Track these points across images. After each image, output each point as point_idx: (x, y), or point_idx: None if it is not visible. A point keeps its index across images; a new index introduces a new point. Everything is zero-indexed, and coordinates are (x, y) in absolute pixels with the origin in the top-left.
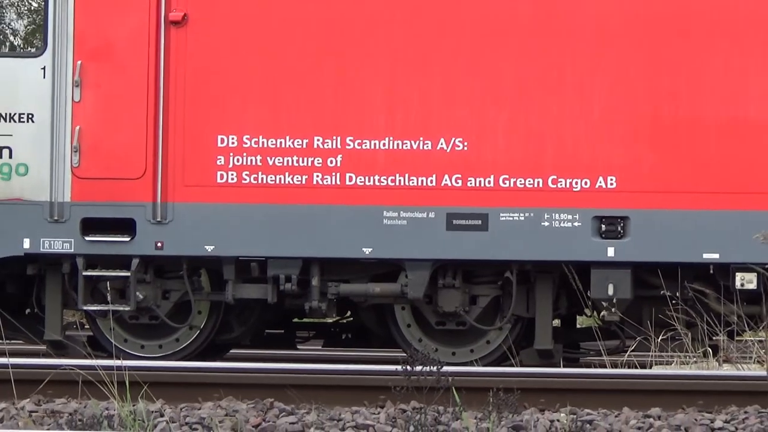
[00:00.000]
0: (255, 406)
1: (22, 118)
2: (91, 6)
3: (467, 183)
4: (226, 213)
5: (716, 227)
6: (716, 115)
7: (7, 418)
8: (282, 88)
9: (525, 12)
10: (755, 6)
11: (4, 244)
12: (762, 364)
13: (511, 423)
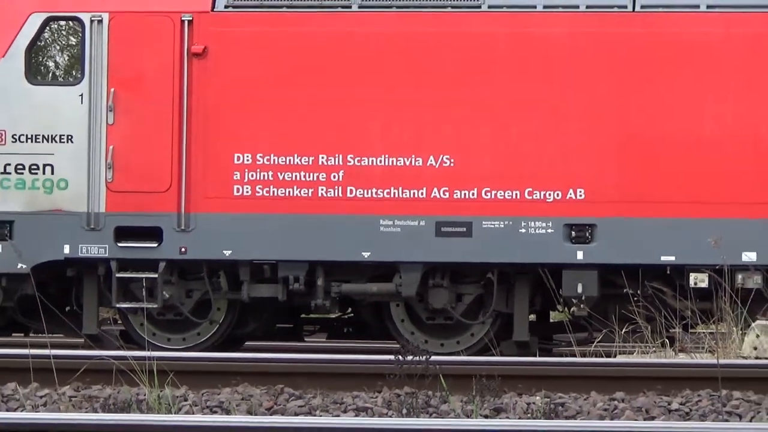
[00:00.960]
0: (267, 392)
1: (62, 139)
2: (122, 40)
3: (454, 195)
4: (242, 222)
5: (673, 233)
6: (673, 136)
7: (50, 402)
8: (291, 112)
9: (504, 47)
10: (707, 46)
11: (46, 249)
12: (713, 353)
13: (493, 405)
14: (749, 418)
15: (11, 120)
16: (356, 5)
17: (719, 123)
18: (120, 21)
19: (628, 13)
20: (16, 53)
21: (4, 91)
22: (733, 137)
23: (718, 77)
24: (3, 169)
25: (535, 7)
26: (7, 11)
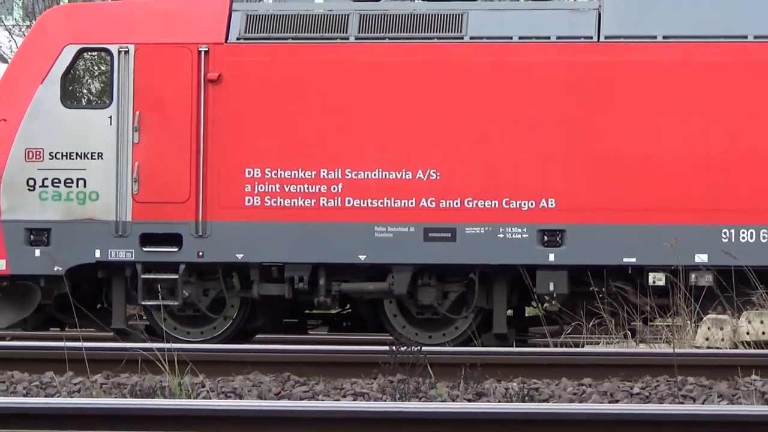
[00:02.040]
0: (276, 379)
1: (93, 156)
2: (146, 68)
3: (440, 204)
4: (252, 229)
5: (633, 237)
6: (634, 151)
7: (83, 389)
8: (295, 131)
9: (484, 74)
10: (663, 72)
11: (79, 253)
12: (669, 343)
13: (475, 390)
14: (702, 401)
15: (49, 139)
16: (353, 37)
17: (674, 140)
18: (144, 52)
19: (594, 43)
20: (52, 80)
21: (42, 114)
22: (686, 152)
23: (673, 99)
24: (41, 183)
25: (512, 38)
26: (45, 43)
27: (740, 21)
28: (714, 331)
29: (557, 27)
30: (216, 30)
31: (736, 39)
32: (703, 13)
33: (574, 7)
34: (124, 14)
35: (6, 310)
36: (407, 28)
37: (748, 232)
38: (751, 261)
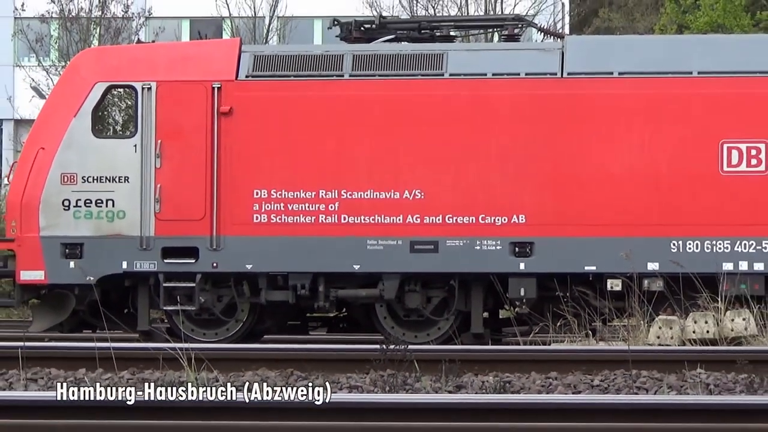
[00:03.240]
0: (281, 374)
1: (121, 180)
2: (167, 102)
3: (424, 220)
4: (260, 243)
5: (594, 248)
6: (593, 173)
7: (111, 384)
8: (297, 156)
9: (462, 106)
10: (619, 103)
11: (109, 265)
12: (625, 341)
13: (455, 383)
14: (654, 392)
15: (81, 165)
16: (348, 74)
17: (628, 163)
18: (165, 88)
19: (558, 78)
20: (84, 113)
21: (76, 143)
22: (639, 174)
23: (628, 127)
24: (75, 203)
25: (486, 74)
26: (77, 81)
27: (686, 59)
28: (664, 330)
29: (526, 65)
30: (227, 69)
31: (683, 74)
32: (654, 53)
33: (541, 47)
34: (146, 55)
35: (44, 315)
36: (395, 67)
37: (694, 243)
38: (696, 269)
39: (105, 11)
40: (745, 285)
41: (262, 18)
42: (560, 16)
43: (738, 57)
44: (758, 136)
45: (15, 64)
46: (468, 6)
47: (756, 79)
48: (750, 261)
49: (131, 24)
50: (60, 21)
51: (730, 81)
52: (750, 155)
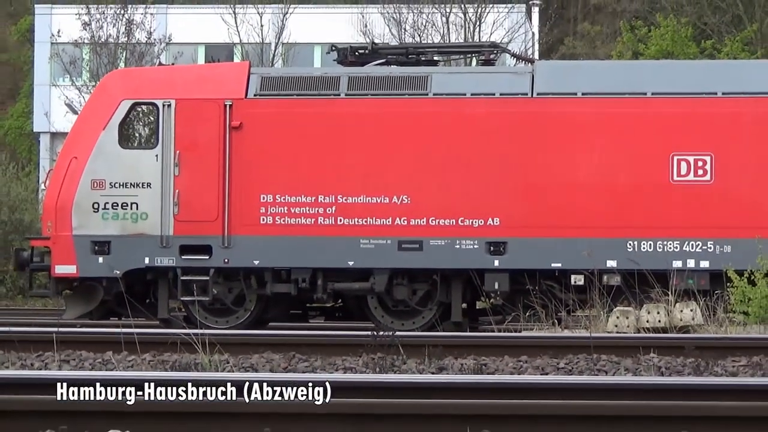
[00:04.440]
0: (284, 356)
1: (143, 186)
2: (184, 118)
3: (410, 222)
4: (266, 241)
5: (559, 247)
6: (559, 182)
7: (135, 365)
8: (299, 166)
9: (445, 122)
10: (582, 120)
11: (133, 260)
12: (587, 329)
13: (438, 365)
14: (612, 373)
15: (109, 173)
16: (343, 94)
17: (590, 173)
18: (183, 105)
19: (528, 98)
20: (112, 127)
21: (104, 153)
22: (600, 183)
23: (590, 141)
24: (103, 206)
25: (465, 94)
26: (106, 99)
27: (641, 82)
28: (621, 320)
29: (500, 86)
30: (238, 88)
31: (638, 95)
32: (612, 76)
33: (513, 71)
34: (166, 76)
35: (76, 304)
36: (385, 87)
37: (647, 243)
38: (649, 266)
39: (130, 38)
40: (692, 280)
41: (269, 44)
42: (531, 43)
43: (686, 80)
44: (704, 150)
45: (51, 84)
46: (449, 34)
47: (702, 99)
48: (697, 259)
49: (153, 49)
50: (91, 46)
51: (680, 101)
52: (697, 166)
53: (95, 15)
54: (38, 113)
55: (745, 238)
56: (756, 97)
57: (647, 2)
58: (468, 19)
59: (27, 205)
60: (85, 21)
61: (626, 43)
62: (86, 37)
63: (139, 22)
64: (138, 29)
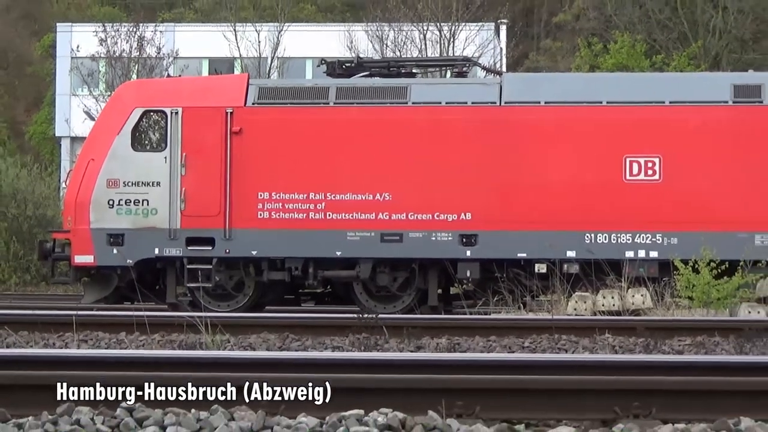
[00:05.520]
0: (279, 336)
1: (154, 184)
2: (190, 124)
3: (391, 217)
4: (263, 234)
5: (525, 239)
6: (525, 181)
7: (146, 344)
8: (292, 166)
9: (422, 127)
10: (546, 126)
11: (144, 251)
12: (549, 312)
13: (416, 344)
14: (571, 352)
15: (123, 173)
16: (332, 102)
17: (552, 173)
18: (189, 113)
19: (497, 106)
20: (125, 132)
21: (119, 155)
22: (560, 182)
23: (552, 144)
24: (118, 202)
25: (441, 102)
26: (120, 106)
27: (597, 92)
28: (580, 304)
29: (472, 95)
30: (238, 97)
31: (595, 103)
32: (572, 86)
33: (484, 82)
34: (174, 87)
35: (93, 290)
36: (369, 96)
37: (603, 236)
38: (604, 256)
39: (142, 52)
40: (643, 269)
41: (266, 58)
42: (499, 57)
43: (637, 90)
44: (653, 152)
45: (71, 94)
46: (426, 49)
47: (651, 107)
48: (647, 250)
49: (162, 62)
50: (106, 60)
51: (632, 109)
52: (647, 167)
53: (110, 32)
54: (59, 120)
55: (690, 231)
56: (699, 105)
57: (603, 21)
58: (443, 36)
59: (49, 201)
60: (101, 38)
61: (584, 57)
62: (102, 52)
63: (149, 38)
64: (149, 45)
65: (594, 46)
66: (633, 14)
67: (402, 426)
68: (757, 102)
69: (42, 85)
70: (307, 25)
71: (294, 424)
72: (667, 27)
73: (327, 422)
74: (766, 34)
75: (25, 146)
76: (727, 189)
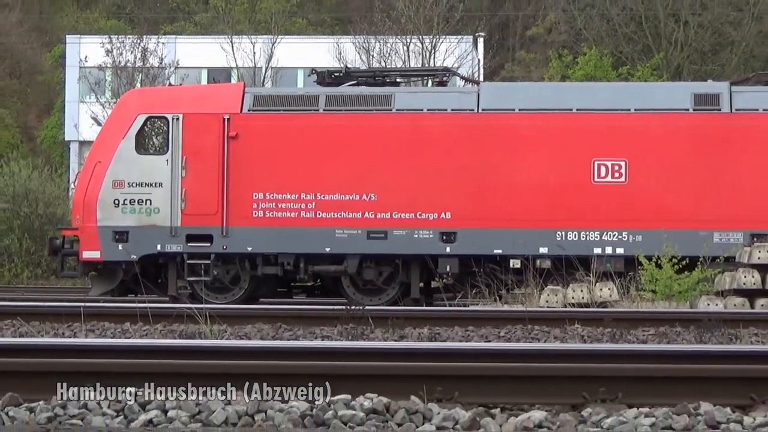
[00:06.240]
0: (272, 326)
1: (156, 185)
2: (190, 129)
3: (377, 216)
4: (257, 231)
5: (501, 237)
6: (500, 182)
7: (149, 334)
8: (284, 168)
9: (406, 132)
10: (520, 131)
11: (147, 247)
12: (523, 304)
13: (399, 334)
14: (544, 341)
15: (127, 174)
16: (322, 109)
17: (526, 174)
18: (189, 118)
19: (475, 113)
20: (130, 136)
21: (124, 158)
22: (533, 183)
23: (525, 148)
24: (123, 202)
25: (423, 109)
26: (125, 113)
27: (568, 100)
28: (551, 297)
29: (452, 102)
30: (234, 105)
31: (565, 111)
32: (544, 95)
33: (462, 90)
34: (175, 95)
35: (99, 283)
36: (356, 103)
37: (573, 233)
38: (574, 252)
39: (145, 62)
40: (610, 264)
41: (260, 68)
42: (476, 68)
43: (605, 99)
44: (620, 156)
45: (79, 101)
46: (409, 60)
47: (618, 114)
48: (614, 246)
49: (164, 72)
50: (112, 69)
51: (600, 116)
52: (614, 170)
53: (116, 44)
54: (69, 125)
55: (653, 229)
56: (662, 112)
57: (573, 35)
58: (425, 48)
59: (59, 201)
60: (107, 49)
61: (555, 68)
62: (108, 62)
63: (152, 49)
64: (151, 56)
65: (565, 58)
66: (601, 28)
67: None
68: (715, 110)
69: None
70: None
71: (286, 408)
72: (632, 40)
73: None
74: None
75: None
76: (688, 190)
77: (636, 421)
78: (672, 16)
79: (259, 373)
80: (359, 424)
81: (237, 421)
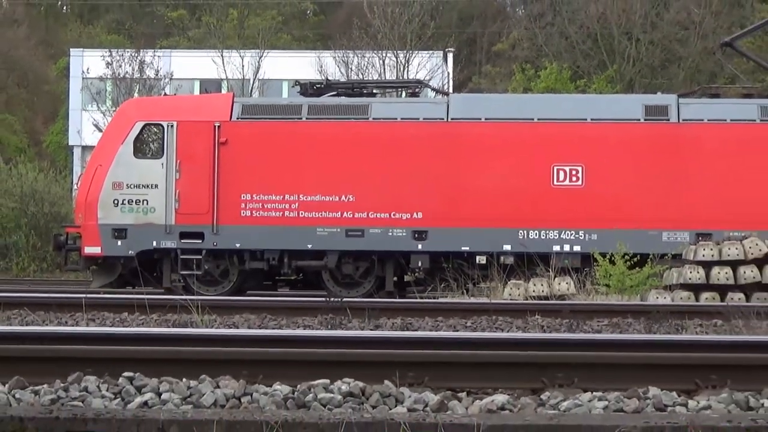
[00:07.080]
0: (258, 316)
1: (152, 186)
2: (184, 135)
3: (355, 215)
4: (245, 229)
5: (468, 235)
6: (468, 185)
7: (145, 323)
8: (270, 171)
9: (381, 139)
10: (488, 139)
11: (143, 243)
12: (488, 297)
13: (375, 324)
14: (507, 331)
15: (126, 177)
16: (304, 117)
17: (491, 178)
18: (183, 125)
19: (445, 122)
20: (129, 142)
21: (123, 162)
22: (498, 186)
23: (491, 155)
24: (122, 202)
25: (397, 118)
26: (124, 120)
27: (530, 110)
28: (514, 290)
29: (423, 112)
30: (224, 113)
31: (527, 120)
32: (508, 105)
33: (433, 101)
34: (170, 104)
35: (100, 276)
36: (336, 112)
37: (534, 232)
38: (535, 249)
39: (142, 74)
40: (567, 260)
41: (248, 79)
42: (446, 80)
43: (564, 109)
44: (577, 162)
45: (82, 109)
46: (385, 73)
47: (576, 124)
48: (571, 245)
49: (160, 83)
50: (112, 80)
51: (559, 125)
52: (572, 174)
53: (116, 57)
54: (72, 131)
55: (607, 228)
56: (616, 122)
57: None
58: (399, 62)
59: (63, 201)
60: (108, 61)
61: (519, 81)
62: (109, 73)
63: (149, 62)
64: (148, 68)
65: (527, 72)
66: (560, 45)
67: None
68: (664, 120)
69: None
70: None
71: (270, 392)
72: (589, 55)
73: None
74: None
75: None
76: (639, 193)
77: (590, 404)
78: (625, 33)
79: (245, 360)
80: (337, 406)
81: (225, 403)
